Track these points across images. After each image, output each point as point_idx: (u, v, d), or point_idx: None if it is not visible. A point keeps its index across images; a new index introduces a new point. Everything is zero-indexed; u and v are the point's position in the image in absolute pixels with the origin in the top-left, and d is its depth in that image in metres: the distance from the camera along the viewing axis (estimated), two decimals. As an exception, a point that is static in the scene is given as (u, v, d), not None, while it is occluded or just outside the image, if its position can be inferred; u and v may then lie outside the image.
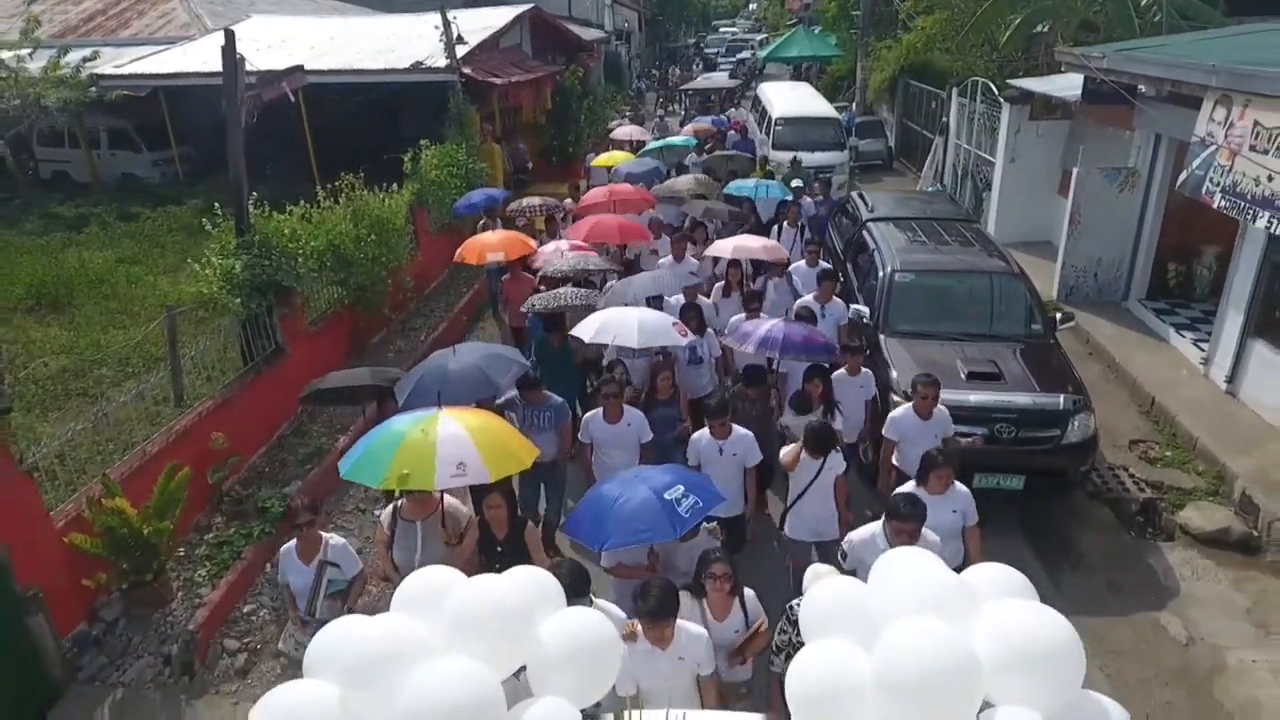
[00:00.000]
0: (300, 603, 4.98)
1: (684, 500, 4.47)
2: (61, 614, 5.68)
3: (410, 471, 4.42)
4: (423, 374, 6.19)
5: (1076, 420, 7.00)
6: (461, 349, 6.52)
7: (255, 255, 8.07)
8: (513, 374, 6.31)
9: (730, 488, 5.68)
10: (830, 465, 5.60)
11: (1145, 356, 9.89)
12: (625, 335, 6.66)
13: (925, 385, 6.09)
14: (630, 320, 6.78)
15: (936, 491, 5.04)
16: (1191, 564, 6.88)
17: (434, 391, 5.58)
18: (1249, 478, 7.41)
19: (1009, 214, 14.41)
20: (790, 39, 32.99)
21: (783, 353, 6.65)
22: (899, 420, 6.29)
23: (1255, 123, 7.11)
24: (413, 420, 4.83)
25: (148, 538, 5.85)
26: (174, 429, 7.00)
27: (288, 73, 9.30)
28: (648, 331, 6.67)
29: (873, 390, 7.07)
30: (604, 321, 6.90)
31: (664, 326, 6.83)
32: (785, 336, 6.64)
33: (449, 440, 4.58)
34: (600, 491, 4.78)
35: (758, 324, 6.95)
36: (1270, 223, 6.77)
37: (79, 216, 15.52)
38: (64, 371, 9.20)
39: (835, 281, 8.41)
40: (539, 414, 6.45)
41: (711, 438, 5.78)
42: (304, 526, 4.90)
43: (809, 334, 6.82)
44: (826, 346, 6.89)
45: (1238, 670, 5.80)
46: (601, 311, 7.23)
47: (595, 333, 6.84)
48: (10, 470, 5.33)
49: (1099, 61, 10.29)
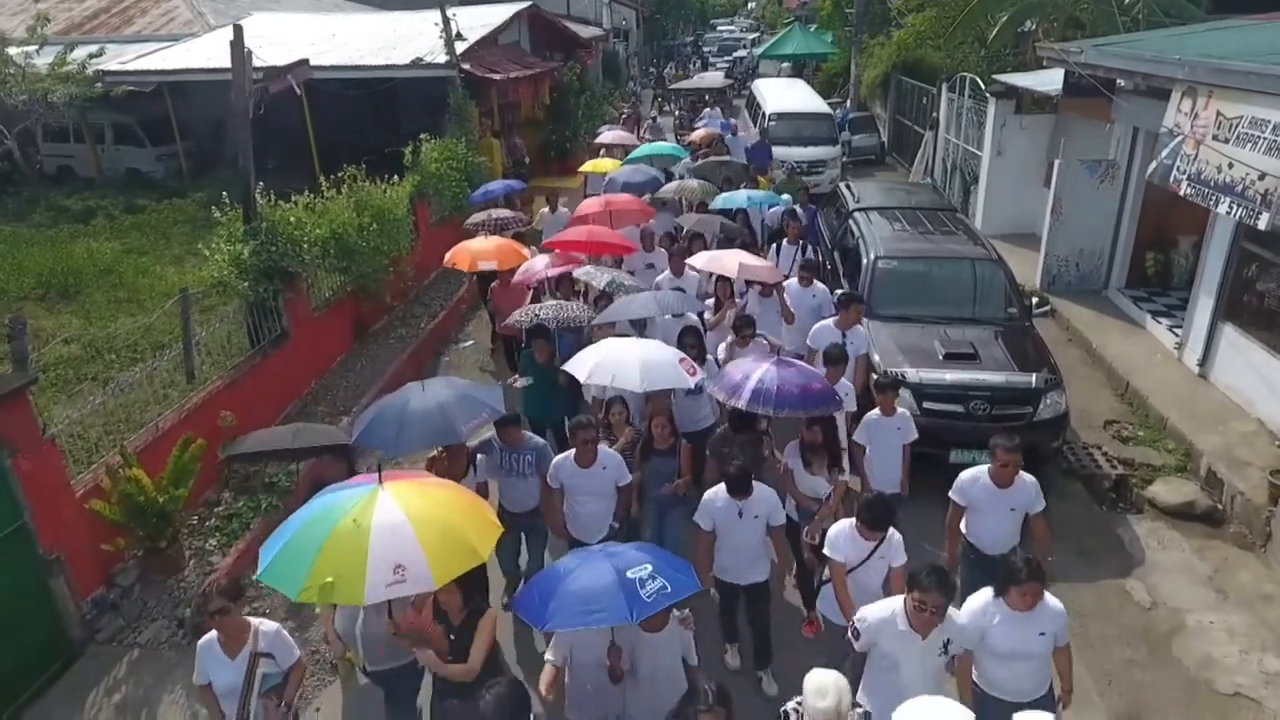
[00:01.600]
0: (228, 706, 4.17)
1: (650, 582, 3.78)
2: (81, 578, 6.01)
3: (335, 579, 3.57)
4: (381, 410, 5.61)
5: (1048, 398, 7.35)
6: (432, 385, 5.73)
7: (262, 241, 8.38)
8: (480, 420, 5.49)
9: (753, 554, 5.21)
10: (886, 553, 4.72)
11: (1122, 342, 10.22)
12: (626, 376, 5.82)
13: (1005, 451, 5.03)
14: (630, 357, 5.95)
15: (1019, 608, 4.07)
16: (1158, 535, 7.21)
17: (389, 432, 5.21)
18: (1215, 454, 7.73)
19: (996, 206, 14.75)
20: (786, 37, 33.25)
21: (777, 408, 5.54)
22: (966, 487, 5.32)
23: (1218, 113, 7.43)
24: (347, 499, 3.91)
25: (163, 505, 6.18)
26: (185, 406, 7.33)
27: (294, 66, 9.61)
28: (653, 372, 5.84)
29: (912, 433, 6.14)
30: (601, 359, 6.07)
31: (669, 365, 5.99)
32: (780, 387, 5.58)
33: (386, 534, 3.68)
34: (558, 565, 4.11)
35: (746, 370, 5.83)
36: (1231, 208, 7.08)
37: (86, 209, 15.82)
38: (75, 357, 9.51)
39: (861, 305, 7.50)
40: (518, 457, 5.71)
41: (730, 499, 5.07)
42: (219, 615, 4.05)
43: (806, 381, 5.72)
44: (825, 396, 5.76)
45: (1196, 630, 6.13)
46: (597, 346, 6.40)
47: (591, 372, 6.02)
48: (37, 437, 5.64)
49: (1078, 56, 10.62)
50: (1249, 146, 6.96)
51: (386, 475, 4.01)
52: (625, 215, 10.59)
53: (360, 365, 10.15)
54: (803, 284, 8.47)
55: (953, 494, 5.29)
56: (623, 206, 10.67)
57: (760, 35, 51.76)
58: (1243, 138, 7.06)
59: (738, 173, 13.96)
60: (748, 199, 11.53)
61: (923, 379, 7.41)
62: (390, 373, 9.83)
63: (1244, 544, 7.02)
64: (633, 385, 5.78)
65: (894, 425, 6.14)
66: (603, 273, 8.40)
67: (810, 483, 5.77)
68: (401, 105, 19.23)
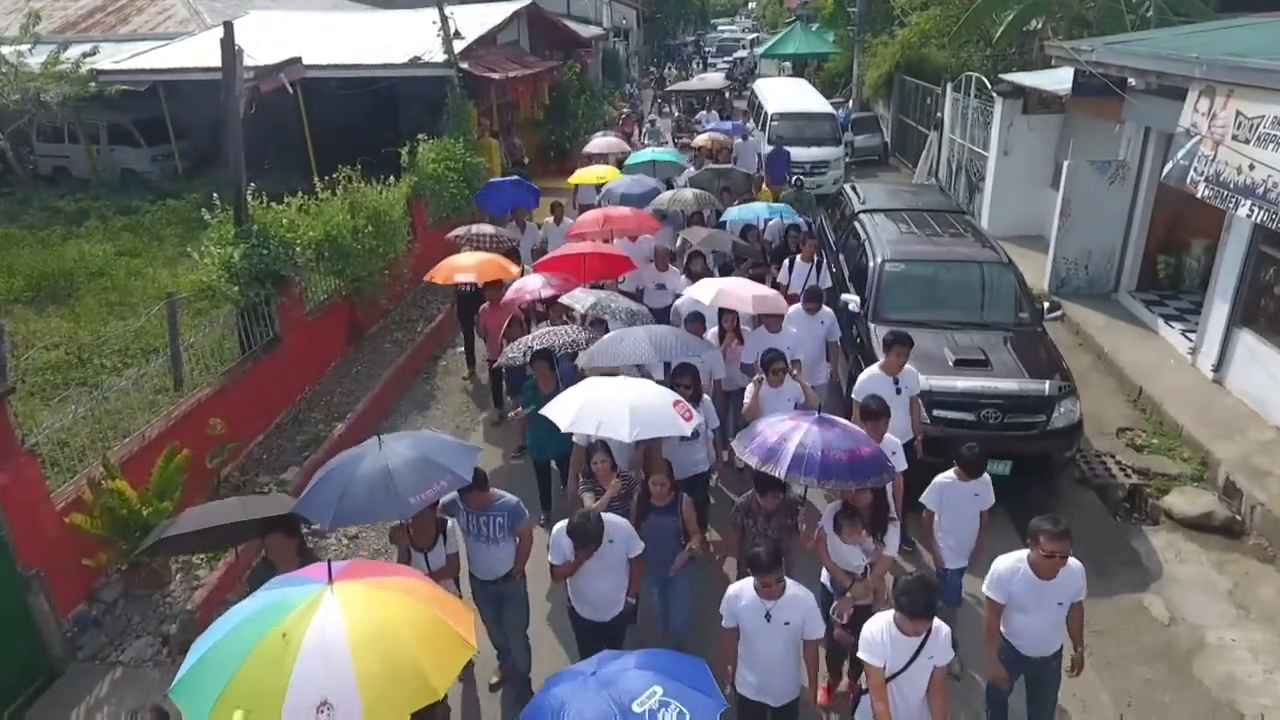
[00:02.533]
0: None
1: (662, 711, 3.06)
2: (62, 593, 5.79)
3: (247, 711, 2.97)
4: (329, 472, 4.80)
5: (1062, 406, 7.13)
6: (393, 442, 4.84)
7: (253, 244, 8.17)
8: (435, 490, 4.60)
9: (783, 666, 4.38)
10: (933, 651, 3.97)
11: (1134, 347, 10.00)
12: (613, 423, 5.11)
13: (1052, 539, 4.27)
14: (618, 401, 5.21)
15: None
16: (1175, 547, 7.00)
17: (328, 500, 4.52)
18: (1232, 463, 7.52)
19: (1002, 207, 14.56)
20: (787, 36, 33.10)
21: (823, 478, 4.65)
22: None
23: (1238, 113, 7.23)
24: (286, 601, 3.26)
25: (147, 519, 5.95)
26: (173, 414, 7.11)
27: (285, 64, 9.40)
28: (643, 418, 5.13)
29: (991, 498, 5.39)
30: (584, 402, 5.35)
31: (663, 409, 5.27)
32: (825, 453, 4.68)
33: (316, 658, 3.02)
34: (548, 695, 3.25)
35: (783, 431, 4.88)
36: (1251, 210, 6.88)
37: (79, 210, 15.61)
38: (63, 362, 9.30)
39: (907, 346, 6.36)
40: (486, 520, 5.05)
41: (756, 597, 4.25)
42: None
43: (854, 445, 4.82)
44: (877, 463, 4.85)
45: (1217, 649, 5.92)
46: (580, 387, 5.61)
47: (574, 419, 5.29)
48: (14, 448, 5.43)
49: (1088, 55, 10.42)
50: (1271, 147, 6.76)
51: (339, 573, 3.33)
52: (626, 230, 9.90)
53: (355, 370, 9.94)
54: (809, 312, 7.76)
55: (988, 590, 4.51)
56: (623, 223, 9.84)
57: (759, 35, 51.61)
58: (1265, 138, 6.85)
59: (737, 183, 13.00)
60: (758, 212, 10.77)
61: (932, 386, 7.18)
62: (387, 377, 9.63)
63: (1265, 557, 6.82)
64: (620, 434, 5.06)
65: (971, 491, 5.31)
66: (588, 295, 7.66)
67: (844, 551, 4.98)
68: (400, 105, 19.07)
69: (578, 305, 7.58)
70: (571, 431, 5.41)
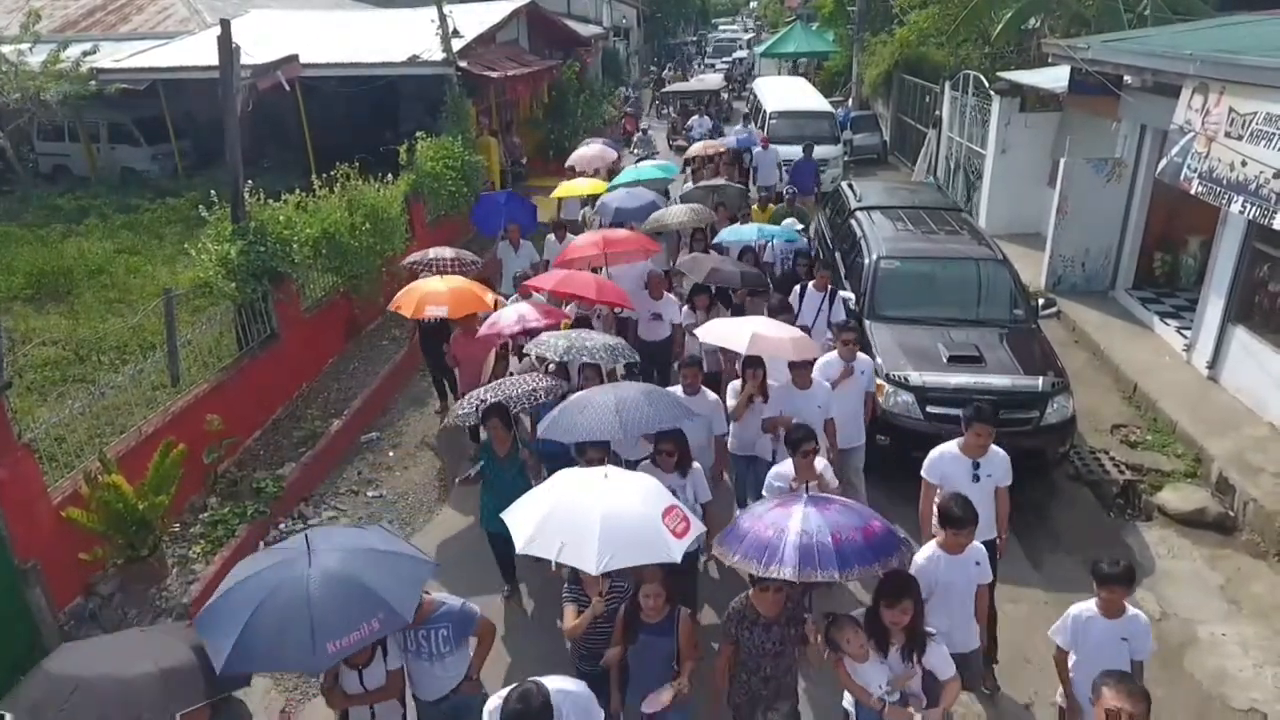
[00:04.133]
0: None
1: None
2: (59, 587, 5.80)
3: None
4: (226, 597, 3.73)
5: (1055, 402, 7.15)
6: (326, 553, 3.78)
7: (250, 241, 8.20)
8: (362, 635, 3.58)
9: None
10: None
11: (1129, 344, 10.02)
12: (578, 547, 3.87)
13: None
14: (590, 514, 3.97)
15: None
16: (1168, 543, 7.01)
17: (223, 643, 3.47)
18: (1226, 460, 7.54)
19: (999, 205, 14.57)
20: (787, 35, 33.10)
21: (844, 569, 3.81)
22: None
23: (1230, 109, 7.25)
24: None
25: (143, 513, 5.99)
26: (170, 410, 7.15)
27: (282, 62, 9.42)
28: (618, 539, 3.89)
29: (989, 575, 4.78)
30: (545, 513, 4.12)
31: (646, 526, 4.01)
32: (836, 536, 3.84)
33: None
34: None
35: (775, 521, 3.99)
36: (1244, 207, 6.90)
37: (79, 209, 15.66)
38: (62, 359, 9.34)
39: (991, 426, 5.18)
40: (427, 635, 4.14)
41: None
42: None
43: (862, 521, 4.02)
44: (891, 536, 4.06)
45: (1208, 643, 5.94)
46: (548, 489, 4.41)
47: (533, 535, 4.04)
48: (11, 443, 5.47)
49: (1084, 52, 10.44)
50: (1263, 144, 6.78)
51: None
52: (625, 254, 8.72)
53: (353, 367, 9.98)
54: (844, 356, 6.54)
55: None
56: (622, 245, 8.68)
57: (757, 36, 51.58)
58: (1257, 135, 6.87)
59: (733, 199, 11.73)
60: (758, 232, 9.54)
61: (926, 382, 7.21)
62: (384, 374, 9.66)
63: (1257, 553, 6.83)
64: (585, 562, 3.81)
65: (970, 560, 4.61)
66: (559, 339, 6.49)
67: (865, 673, 4.06)
68: (399, 103, 19.12)
69: (550, 354, 6.45)
70: (529, 552, 4.06)
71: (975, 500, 4.66)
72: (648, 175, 12.39)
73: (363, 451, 8.59)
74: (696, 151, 14.64)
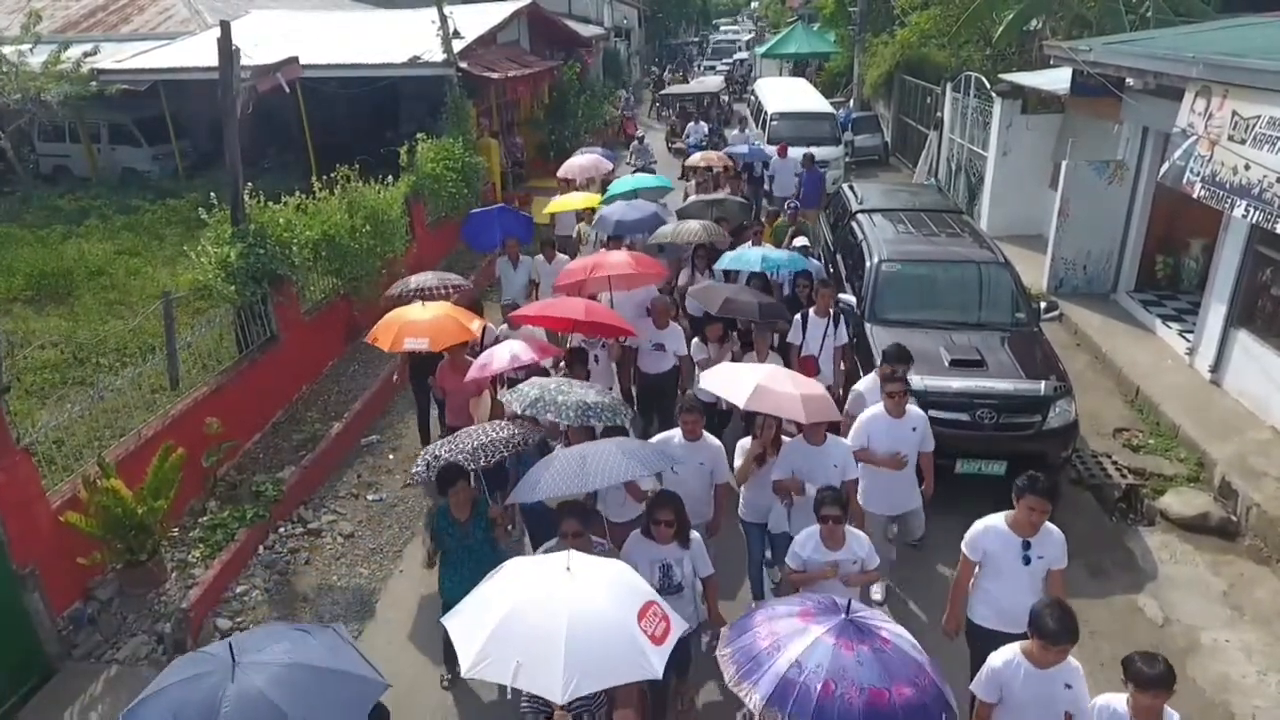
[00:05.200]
0: None
1: None
2: (57, 592, 5.80)
3: None
4: (130, 712, 3.20)
5: (1057, 406, 7.11)
6: (253, 669, 3.21)
7: (250, 244, 8.19)
8: None
9: None
10: None
11: (1131, 347, 9.99)
12: (537, 666, 3.21)
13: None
14: (552, 626, 3.27)
15: None
16: (1170, 548, 6.98)
17: None
18: (1229, 464, 7.51)
19: (1001, 207, 14.55)
20: (788, 36, 33.09)
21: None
22: None
23: (1233, 113, 7.22)
24: None
25: (142, 517, 5.97)
26: (169, 414, 7.13)
27: (282, 64, 9.39)
28: (586, 659, 3.22)
29: None
30: (504, 618, 3.35)
31: (619, 639, 3.34)
32: (827, 688, 3.17)
33: None
34: None
35: (781, 630, 3.44)
36: (1247, 211, 6.87)
37: (79, 210, 15.63)
38: (61, 361, 9.32)
39: (1048, 500, 4.42)
40: None
41: None
42: None
43: (885, 681, 3.20)
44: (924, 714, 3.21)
45: (1211, 649, 5.91)
46: (500, 585, 3.60)
47: (483, 650, 3.28)
48: (9, 447, 5.45)
49: (1085, 55, 10.41)
50: (1267, 147, 6.75)
51: None
52: (629, 279, 7.76)
53: (353, 370, 9.95)
54: (893, 412, 5.66)
55: None
56: (619, 269, 7.68)
57: (758, 36, 51.55)
58: (1260, 138, 6.83)
59: (733, 213, 10.87)
60: (763, 262, 8.39)
61: (927, 386, 7.18)
62: (384, 377, 9.63)
63: (1260, 558, 6.80)
64: (550, 690, 3.16)
65: None
66: (531, 388, 5.62)
67: None
68: (400, 105, 19.10)
69: (515, 405, 5.61)
70: (478, 676, 3.31)
71: (1023, 587, 4.25)
72: (646, 185, 11.76)
73: (363, 454, 8.57)
74: (696, 162, 14.01)
